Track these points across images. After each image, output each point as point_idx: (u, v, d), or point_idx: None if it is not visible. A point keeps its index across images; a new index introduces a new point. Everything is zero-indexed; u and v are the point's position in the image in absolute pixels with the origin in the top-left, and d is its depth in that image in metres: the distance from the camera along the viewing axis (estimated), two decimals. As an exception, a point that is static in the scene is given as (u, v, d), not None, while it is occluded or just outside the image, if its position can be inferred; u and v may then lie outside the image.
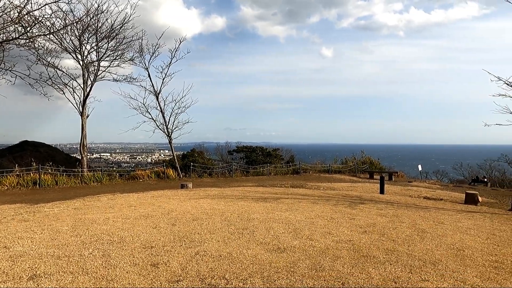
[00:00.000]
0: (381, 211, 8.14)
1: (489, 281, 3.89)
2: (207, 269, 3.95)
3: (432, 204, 10.20)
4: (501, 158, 26.56)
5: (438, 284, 3.71)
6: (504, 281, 3.89)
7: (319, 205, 8.68)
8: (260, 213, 7.21)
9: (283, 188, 13.21)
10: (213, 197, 9.65)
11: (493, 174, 25.15)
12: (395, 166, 30.45)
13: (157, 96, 21.21)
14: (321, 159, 27.83)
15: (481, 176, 22.71)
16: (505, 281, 3.91)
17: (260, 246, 4.83)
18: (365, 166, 25.38)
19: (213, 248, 4.70)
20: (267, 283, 3.57)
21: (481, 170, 26.63)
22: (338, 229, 6.03)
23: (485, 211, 9.34)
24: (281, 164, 25.84)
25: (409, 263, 4.32)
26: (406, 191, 13.89)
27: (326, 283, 3.60)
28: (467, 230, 6.53)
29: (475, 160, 29.49)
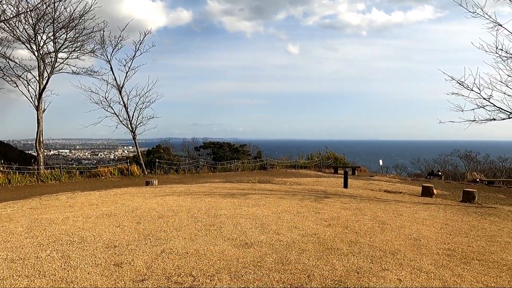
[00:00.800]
0: (345, 204, 8.42)
1: (442, 268, 4.15)
2: (173, 266, 3.89)
3: (392, 197, 10.70)
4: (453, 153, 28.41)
5: (397, 272, 3.90)
6: (455, 267, 4.18)
7: (286, 200, 8.81)
8: (228, 209, 7.20)
9: (250, 184, 13.27)
10: (180, 194, 9.50)
11: (447, 168, 26.84)
12: (358, 161, 31.59)
13: (120, 90, 20.48)
14: (288, 154, 28.27)
15: (436, 170, 24.15)
16: (456, 267, 4.20)
17: (228, 242, 4.83)
18: (330, 161, 26.10)
19: (179, 246, 4.63)
20: (234, 279, 3.58)
21: (436, 164, 28.32)
22: (304, 223, 6.16)
23: (440, 202, 9.95)
24: (249, 160, 25.94)
25: (370, 254, 4.51)
26: (368, 185, 14.46)
27: (292, 276, 3.67)
28: (423, 221, 6.92)
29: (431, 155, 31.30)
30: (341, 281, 3.58)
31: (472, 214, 8.18)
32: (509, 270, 4.23)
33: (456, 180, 20.54)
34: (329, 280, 3.60)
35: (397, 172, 27.76)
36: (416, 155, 32.73)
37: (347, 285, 3.50)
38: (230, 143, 28.52)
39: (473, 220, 7.34)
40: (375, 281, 3.63)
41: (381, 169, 26.75)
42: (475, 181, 19.42)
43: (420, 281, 3.69)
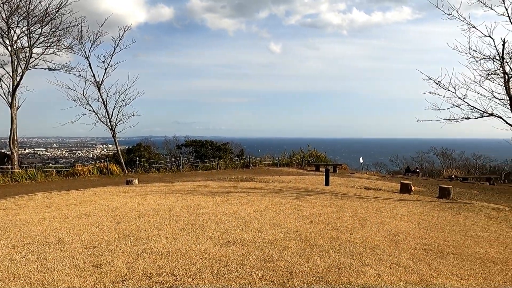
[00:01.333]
0: (326, 202, 8.53)
1: (419, 262, 4.28)
2: (154, 266, 3.84)
3: (372, 194, 10.93)
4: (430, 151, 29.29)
5: (377, 267, 3.99)
6: (432, 261, 4.31)
7: (268, 197, 8.85)
8: (210, 208, 7.16)
9: (232, 182, 13.25)
10: (161, 193, 9.38)
11: (424, 165, 27.63)
12: (339, 159, 32.09)
13: (98, 87, 20.00)
14: (270, 152, 28.39)
15: (414, 167, 24.82)
16: (433, 261, 4.34)
17: (210, 241, 4.81)
18: (312, 159, 26.39)
19: (161, 245, 4.58)
20: (216, 277, 3.57)
21: (414, 162, 29.10)
22: (286, 220, 6.20)
23: (417, 199, 10.24)
24: (231, 158, 25.89)
25: (351, 250, 4.59)
26: (349, 182, 14.71)
27: (274, 273, 3.70)
28: (402, 216, 7.11)
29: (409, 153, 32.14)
30: (322, 277, 3.63)
31: (448, 209, 8.46)
32: (482, 263, 4.41)
33: (433, 177, 21.18)
34: (311, 277, 3.64)
35: (377, 170, 28.36)
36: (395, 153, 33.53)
37: (328, 281, 3.56)
38: (212, 141, 28.36)
39: (448, 216, 7.60)
40: (356, 276, 3.70)
41: (361, 167, 27.27)
42: (450, 177, 20.09)
43: (399, 275, 3.79)
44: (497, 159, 27.02)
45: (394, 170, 28.74)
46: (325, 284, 3.48)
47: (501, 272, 4.11)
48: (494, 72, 10.22)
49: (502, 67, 10.00)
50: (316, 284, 3.48)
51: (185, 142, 28.06)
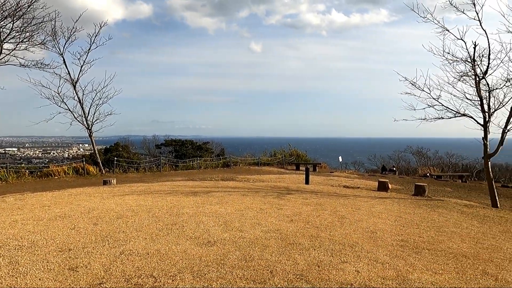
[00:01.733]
0: (306, 200, 8.62)
1: (396, 258, 4.40)
2: (133, 268, 3.77)
3: (351, 192, 11.14)
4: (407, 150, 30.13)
5: (355, 264, 4.07)
6: (408, 257, 4.44)
7: (249, 197, 8.86)
8: (190, 208, 7.10)
9: (213, 182, 13.18)
10: (140, 193, 9.21)
11: (401, 164, 28.39)
12: (319, 158, 32.50)
13: (74, 85, 19.39)
14: (251, 152, 28.44)
15: (391, 166, 25.46)
16: (409, 257, 4.47)
17: (190, 241, 4.77)
18: (292, 158, 26.60)
19: (139, 246, 4.49)
20: (197, 278, 3.54)
21: (391, 160, 29.85)
22: (266, 219, 6.23)
23: (394, 196, 10.51)
24: (212, 157, 25.74)
25: (330, 248, 4.66)
26: (329, 181, 14.93)
27: (255, 272, 3.70)
28: (379, 214, 7.28)
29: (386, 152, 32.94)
30: (302, 275, 3.67)
31: (423, 206, 8.74)
32: (455, 257, 4.58)
33: (409, 175, 21.80)
34: (291, 275, 3.67)
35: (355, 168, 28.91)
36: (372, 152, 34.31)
37: (308, 278, 3.60)
38: (192, 140, 28.11)
39: (423, 212, 7.84)
40: (335, 273, 3.76)
41: (340, 166, 27.73)
42: (425, 175, 20.74)
43: (376, 271, 3.88)
44: (468, 157, 28.12)
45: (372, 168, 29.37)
46: (305, 281, 3.52)
47: (472, 266, 4.28)
48: (466, 74, 10.61)
49: (473, 69, 10.40)
50: (296, 282, 3.51)
51: (165, 142, 27.69)
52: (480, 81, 10.37)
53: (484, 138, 10.44)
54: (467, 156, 28.39)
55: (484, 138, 10.44)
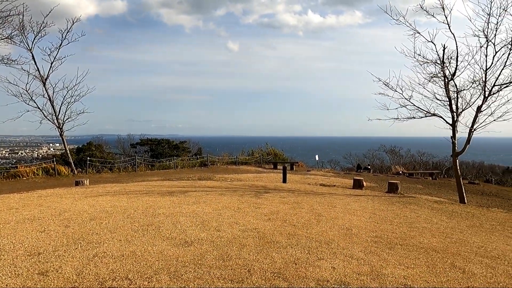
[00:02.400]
0: (283, 199, 8.69)
1: (371, 254, 4.51)
2: (107, 271, 3.67)
3: (327, 190, 11.33)
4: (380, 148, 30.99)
5: (331, 261, 4.15)
6: (381, 253, 4.57)
7: (227, 196, 8.83)
8: (167, 208, 6.99)
9: (190, 181, 13.04)
10: (114, 194, 8.97)
11: (375, 162, 29.16)
12: (296, 157, 32.84)
13: (44, 82, 18.64)
14: (229, 151, 28.37)
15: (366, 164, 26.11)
16: (382, 252, 4.60)
17: (167, 242, 4.69)
18: (270, 157, 26.74)
19: (114, 248, 4.38)
20: (174, 279, 3.50)
21: (365, 159, 30.60)
22: (244, 218, 6.23)
23: (369, 194, 10.79)
24: (189, 157, 25.47)
25: (307, 245, 4.73)
26: (306, 179, 15.12)
27: (233, 272, 3.70)
28: (355, 211, 7.45)
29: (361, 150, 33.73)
30: (280, 273, 3.70)
31: (396, 203, 9.02)
32: (425, 252, 4.76)
33: (382, 173, 22.43)
34: (269, 273, 3.69)
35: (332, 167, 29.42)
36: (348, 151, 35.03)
37: (285, 276, 3.63)
38: (169, 139, 27.68)
39: (396, 209, 8.10)
40: (312, 270, 3.81)
41: (317, 164, 28.15)
42: (398, 173, 21.41)
43: (351, 267, 3.97)
44: (438, 155, 29.28)
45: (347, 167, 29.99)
46: (282, 279, 3.55)
47: (441, 259, 4.47)
48: (436, 75, 11.04)
49: (442, 71, 10.83)
50: (274, 280, 3.53)
51: (140, 141, 27.12)
52: (449, 82, 10.81)
53: (452, 137, 10.90)
54: (437, 154, 29.56)
55: (452, 137, 10.90)
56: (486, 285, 3.69)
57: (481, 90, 10.44)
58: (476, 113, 10.50)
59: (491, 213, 8.59)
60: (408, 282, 3.62)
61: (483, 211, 8.82)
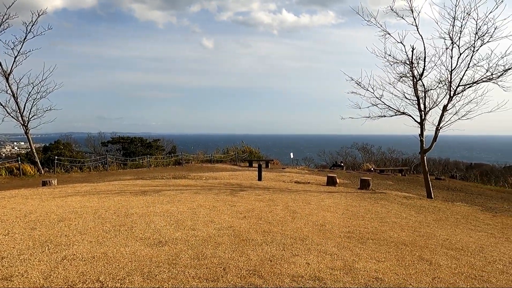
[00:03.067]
0: (259, 196, 8.73)
1: (343, 249, 4.63)
2: (77, 274, 3.54)
3: (302, 187, 11.48)
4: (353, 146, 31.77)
5: (306, 257, 4.21)
6: (354, 248, 4.69)
7: (202, 195, 8.76)
8: (140, 208, 6.84)
9: (164, 180, 12.82)
10: (84, 194, 8.67)
11: (348, 159, 29.85)
12: (271, 155, 33.04)
13: (6, 78, 17.70)
14: (204, 149, 28.09)
15: (339, 161, 26.68)
16: (355, 247, 4.72)
17: (140, 242, 4.59)
18: (245, 155, 26.75)
19: (84, 250, 4.24)
20: (147, 279, 3.43)
21: (339, 156, 31.26)
22: (220, 217, 6.20)
23: (342, 190, 11.04)
24: (163, 155, 25.03)
25: (282, 242, 4.78)
26: (281, 177, 15.25)
27: (208, 271, 3.68)
28: (328, 207, 7.60)
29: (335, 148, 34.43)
30: (255, 270, 3.72)
31: (368, 199, 9.29)
32: (395, 246, 4.93)
33: (355, 170, 23.00)
34: (244, 271, 3.70)
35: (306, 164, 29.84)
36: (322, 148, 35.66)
37: (261, 273, 3.65)
38: (142, 137, 27.05)
39: (368, 205, 8.34)
40: (287, 267, 3.86)
41: (292, 162, 28.45)
42: (370, 170, 22.03)
43: (325, 262, 4.05)
44: (407, 152, 30.38)
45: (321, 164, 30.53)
46: (258, 276, 3.57)
47: (410, 252, 4.65)
48: (405, 75, 11.44)
49: (411, 71, 11.23)
50: (249, 277, 3.54)
51: (112, 139, 26.33)
52: (417, 82, 11.24)
53: (420, 134, 11.34)
54: (406, 151, 30.68)
55: (420, 134, 11.34)
56: (451, 276, 3.88)
57: (446, 90, 10.93)
58: (442, 112, 10.98)
59: (455, 207, 9.04)
60: (379, 275, 3.74)
61: (448, 206, 9.26)
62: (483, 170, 26.52)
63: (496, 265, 4.35)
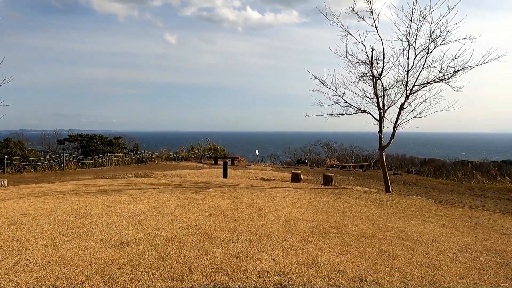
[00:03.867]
0: (224, 194, 8.70)
1: (308, 243, 4.74)
2: (30, 280, 3.34)
3: (267, 184, 11.60)
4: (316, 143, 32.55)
5: (271, 253, 4.27)
6: (317, 242, 4.82)
7: (166, 193, 8.57)
8: (100, 208, 6.56)
9: (126, 179, 12.39)
10: (39, 195, 8.17)
11: (312, 156, 30.54)
12: (236, 152, 33.01)
13: None
14: (168, 147, 27.45)
15: (303, 158, 27.23)
16: (319, 241, 4.85)
17: (100, 244, 4.41)
18: (210, 152, 26.52)
19: (38, 255, 3.99)
20: (108, 282, 3.30)
21: (303, 153, 31.88)
22: (185, 215, 6.11)
23: (306, 186, 11.28)
24: (124, 153, 24.17)
25: (248, 239, 4.80)
26: (246, 174, 15.29)
27: (173, 271, 3.61)
28: (293, 203, 7.74)
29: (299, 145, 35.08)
30: (221, 268, 3.70)
31: (331, 194, 9.57)
32: (356, 239, 5.13)
33: (318, 166, 23.59)
34: (210, 269, 3.68)
35: (271, 161, 30.14)
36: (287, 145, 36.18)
37: (227, 271, 3.65)
38: (102, 135, 25.91)
39: (331, 200, 8.59)
40: (253, 263, 3.88)
41: (257, 159, 28.62)
42: (332, 166, 22.71)
43: (290, 257, 4.13)
44: (367, 149, 31.67)
45: (286, 161, 30.98)
46: (224, 274, 3.56)
47: (370, 244, 4.86)
48: (365, 75, 11.88)
49: (371, 70, 11.70)
50: (215, 275, 3.53)
51: (69, 137, 24.99)
52: (377, 81, 11.72)
53: (379, 132, 11.86)
54: (367, 148, 31.96)
55: (379, 132, 11.86)
56: (407, 265, 4.10)
57: (403, 89, 11.50)
58: (399, 110, 11.55)
59: (411, 201, 9.56)
60: (341, 268, 3.88)
61: (404, 199, 9.77)
62: (436, 165, 28.30)
63: (447, 254, 4.67)
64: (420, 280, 3.68)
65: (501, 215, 8.18)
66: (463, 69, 10.64)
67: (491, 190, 13.33)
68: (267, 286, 3.33)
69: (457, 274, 3.92)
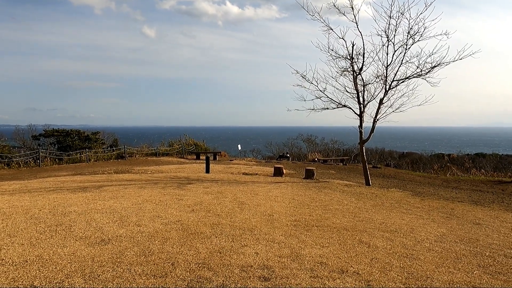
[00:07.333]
0: (207, 189, 8.66)
1: (290, 237, 4.79)
2: (7, 280, 3.23)
3: (250, 178, 11.62)
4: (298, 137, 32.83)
5: (254, 247, 4.29)
6: (300, 235, 4.89)
7: (147, 189, 8.45)
8: (79, 205, 6.41)
9: (106, 175, 12.13)
10: (13, 193, 7.89)
11: (293, 150, 30.79)
12: (218, 147, 32.87)
13: None
14: (148, 142, 27.04)
15: (285, 152, 27.43)
16: (301, 234, 4.92)
17: (80, 241, 4.32)
18: (192, 147, 26.30)
19: (14, 254, 3.87)
20: (89, 280, 3.24)
21: (285, 147, 32.09)
22: (167, 211, 6.05)
23: (288, 181, 11.38)
24: (103, 148, 23.64)
25: (231, 233, 4.81)
26: (229, 168, 15.27)
27: (156, 267, 3.58)
28: (276, 198, 7.80)
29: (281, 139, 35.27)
30: (204, 263, 3.70)
31: (312, 188, 9.69)
32: (338, 231, 5.23)
33: (300, 160, 23.82)
34: (193, 264, 3.67)
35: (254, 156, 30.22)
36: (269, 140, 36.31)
37: (210, 266, 3.65)
38: (79, 130, 25.21)
39: (313, 194, 8.71)
40: (236, 257, 3.90)
41: (239, 154, 28.61)
42: (314, 160, 22.97)
43: (273, 251, 4.17)
44: (348, 143, 32.21)
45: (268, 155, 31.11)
46: (207, 269, 3.56)
47: (351, 237, 4.97)
48: (346, 70, 12.03)
49: (352, 65, 11.85)
50: (198, 270, 3.52)
51: (45, 132, 24.18)
52: (357, 76, 11.89)
53: (359, 126, 12.07)
54: (347, 142, 32.49)
55: (359, 126, 12.07)
56: (387, 256, 4.22)
57: (383, 84, 11.72)
58: (379, 105, 11.78)
59: (390, 193, 9.81)
60: (323, 260, 3.95)
61: (384, 192, 10.02)
62: (414, 159, 29.12)
63: (424, 244, 4.83)
64: (399, 270, 3.80)
65: (474, 206, 8.53)
66: (439, 65, 10.95)
67: (465, 182, 13.85)
68: (251, 279, 3.36)
69: (433, 263, 4.06)
